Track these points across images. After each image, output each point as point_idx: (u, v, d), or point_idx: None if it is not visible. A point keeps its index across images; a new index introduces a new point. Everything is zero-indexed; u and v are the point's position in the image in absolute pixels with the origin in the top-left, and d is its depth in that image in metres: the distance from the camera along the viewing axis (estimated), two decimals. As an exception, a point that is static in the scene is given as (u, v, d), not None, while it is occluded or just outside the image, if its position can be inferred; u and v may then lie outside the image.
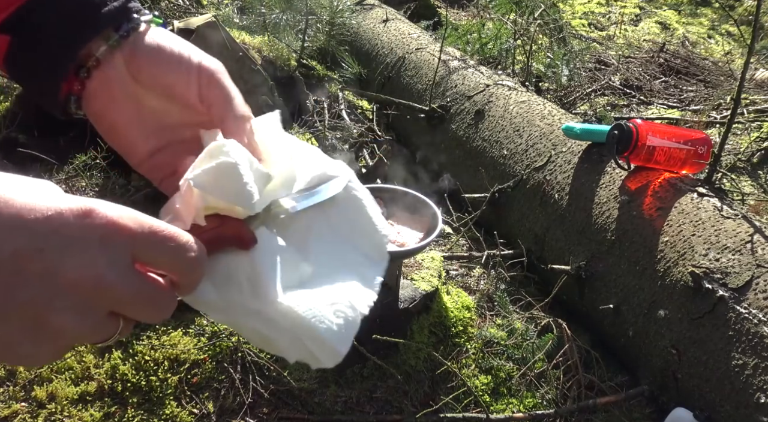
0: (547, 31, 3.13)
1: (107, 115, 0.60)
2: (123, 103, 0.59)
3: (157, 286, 0.44)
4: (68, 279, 0.39)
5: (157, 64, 0.59)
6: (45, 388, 1.38)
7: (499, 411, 1.45)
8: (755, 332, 1.22)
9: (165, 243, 0.43)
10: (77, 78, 0.58)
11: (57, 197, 0.39)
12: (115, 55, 0.58)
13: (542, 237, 1.81)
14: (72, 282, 0.39)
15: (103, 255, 0.40)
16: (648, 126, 1.59)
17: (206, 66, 0.60)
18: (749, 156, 2.69)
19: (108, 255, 0.40)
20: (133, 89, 0.59)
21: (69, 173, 2.06)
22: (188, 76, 0.59)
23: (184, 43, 0.61)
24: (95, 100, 0.60)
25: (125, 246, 0.41)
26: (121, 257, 0.41)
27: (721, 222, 1.42)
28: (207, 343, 1.49)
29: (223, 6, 3.46)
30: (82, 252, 0.39)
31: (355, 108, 2.86)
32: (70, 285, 0.39)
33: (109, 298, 0.41)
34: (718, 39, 4.92)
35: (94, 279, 0.39)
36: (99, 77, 0.59)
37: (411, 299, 1.50)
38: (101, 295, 0.40)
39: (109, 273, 0.40)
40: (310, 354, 0.50)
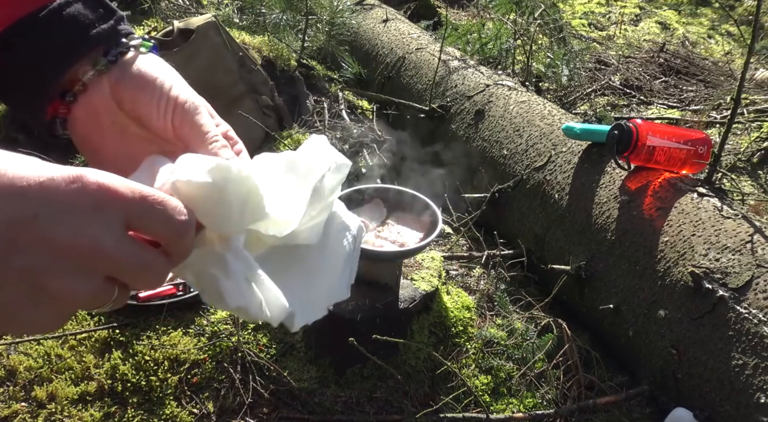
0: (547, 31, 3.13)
1: (91, 140, 0.60)
2: (107, 129, 0.59)
3: (150, 252, 0.44)
4: (63, 245, 0.39)
5: (136, 94, 0.58)
6: (45, 388, 1.38)
7: (499, 411, 1.45)
8: (755, 332, 1.22)
9: (155, 208, 0.43)
10: (63, 102, 0.59)
11: (48, 166, 0.40)
12: (102, 80, 0.58)
13: (542, 237, 1.81)
14: (67, 248, 0.39)
15: (97, 221, 0.40)
16: (648, 126, 1.59)
17: (181, 101, 0.58)
18: (749, 156, 2.69)
19: (101, 221, 0.40)
20: (118, 116, 0.59)
21: (69, 173, 2.06)
22: (164, 111, 0.58)
23: (168, 74, 0.59)
24: (80, 124, 0.59)
25: (118, 212, 0.41)
26: (115, 222, 0.41)
27: (721, 222, 1.42)
28: (207, 343, 1.49)
29: (223, 6, 3.46)
30: (76, 218, 0.39)
31: (355, 108, 2.86)
32: (66, 251, 0.39)
33: (104, 263, 0.41)
34: (718, 39, 4.92)
35: (89, 244, 0.40)
36: (85, 102, 0.59)
37: (411, 299, 1.50)
38: (97, 260, 0.41)
39: (104, 238, 0.40)
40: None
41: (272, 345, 1.51)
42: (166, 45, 2.32)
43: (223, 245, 0.51)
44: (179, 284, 1.64)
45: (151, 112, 0.58)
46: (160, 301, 1.57)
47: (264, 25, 3.06)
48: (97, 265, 0.41)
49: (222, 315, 1.58)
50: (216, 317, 1.57)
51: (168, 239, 0.46)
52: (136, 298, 1.56)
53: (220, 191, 0.48)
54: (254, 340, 1.51)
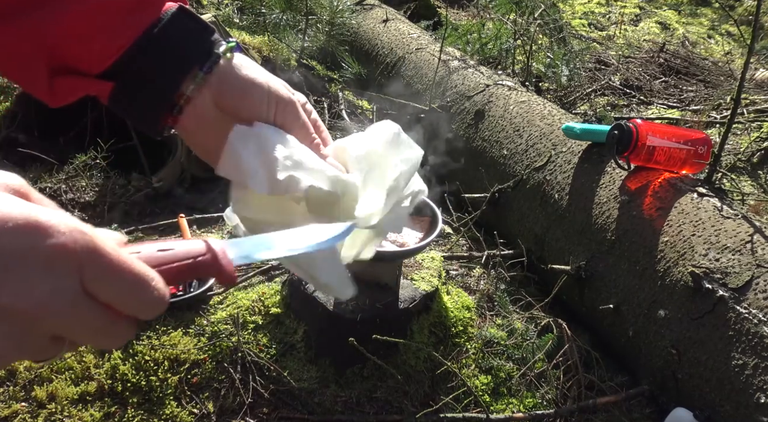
0: (547, 31, 3.12)
1: (199, 141, 0.67)
2: (213, 131, 0.65)
3: (110, 315, 0.40)
4: (3, 307, 0.35)
5: (237, 96, 0.64)
6: (45, 388, 1.38)
7: (499, 411, 1.45)
8: (755, 332, 1.22)
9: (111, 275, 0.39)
10: (171, 114, 0.64)
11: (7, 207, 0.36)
12: (203, 91, 0.63)
13: (542, 237, 1.81)
14: (7, 310, 0.35)
15: (46, 282, 0.36)
16: (648, 126, 1.59)
17: (282, 96, 0.65)
18: (749, 156, 2.69)
19: (52, 282, 0.36)
20: (220, 118, 0.64)
21: (69, 173, 2.06)
22: (266, 107, 0.64)
23: (261, 72, 0.66)
24: (188, 129, 0.66)
25: (72, 272, 0.37)
26: (69, 284, 0.37)
27: (721, 222, 1.42)
28: (207, 343, 1.49)
29: (223, 6, 3.46)
30: (22, 280, 0.36)
31: (355, 108, 2.86)
32: (6, 313, 0.35)
33: (50, 325, 0.38)
34: (718, 39, 4.92)
35: (34, 307, 0.36)
36: (190, 112, 0.64)
37: (411, 299, 1.50)
38: (41, 323, 0.37)
39: (53, 301, 0.37)
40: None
41: (272, 345, 1.51)
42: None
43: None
44: (179, 284, 1.64)
45: (259, 112, 0.64)
46: (160, 301, 1.57)
47: (264, 25, 3.06)
48: (41, 327, 0.38)
49: (222, 315, 1.58)
50: (216, 317, 1.57)
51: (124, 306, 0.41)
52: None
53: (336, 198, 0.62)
54: (254, 340, 1.51)
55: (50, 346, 0.39)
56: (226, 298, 1.65)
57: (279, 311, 1.57)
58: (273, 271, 1.77)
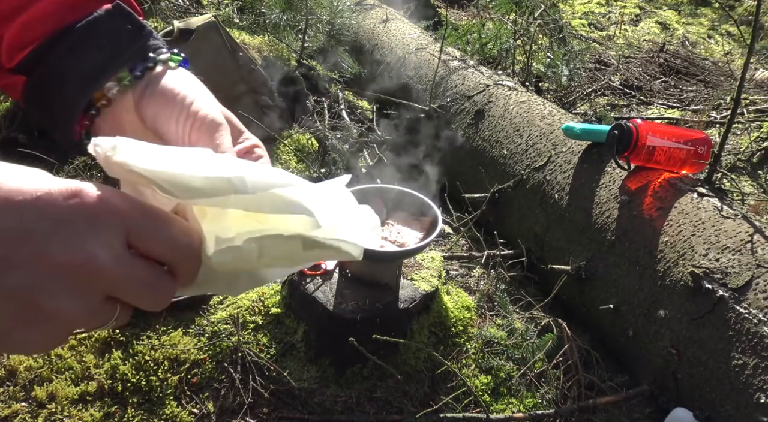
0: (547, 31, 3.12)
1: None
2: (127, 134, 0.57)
3: (154, 271, 0.42)
4: (58, 262, 0.37)
5: (157, 110, 0.57)
6: (45, 388, 1.38)
7: (499, 411, 1.45)
8: (755, 332, 1.22)
9: (158, 227, 0.41)
10: (86, 115, 0.58)
11: (46, 180, 0.38)
12: (126, 95, 0.57)
13: (542, 237, 1.81)
14: (63, 265, 0.37)
15: (94, 238, 0.38)
16: (648, 126, 1.59)
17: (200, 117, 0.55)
18: (749, 156, 2.69)
19: (99, 237, 0.38)
20: (139, 130, 0.58)
21: (69, 173, 2.06)
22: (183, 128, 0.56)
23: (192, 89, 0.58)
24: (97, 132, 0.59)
25: (117, 228, 0.39)
26: (114, 239, 0.39)
27: (721, 222, 1.42)
28: (207, 343, 1.49)
29: (223, 6, 3.46)
30: (72, 235, 0.38)
31: (355, 108, 2.86)
32: (62, 268, 0.37)
33: (102, 282, 0.39)
34: (718, 39, 4.92)
35: (85, 262, 0.38)
36: (108, 116, 0.58)
37: (411, 299, 1.50)
38: (93, 278, 0.39)
39: (101, 255, 0.38)
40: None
41: (272, 345, 1.51)
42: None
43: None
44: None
45: (170, 129, 0.56)
46: (160, 301, 1.57)
47: (264, 25, 3.07)
48: (95, 284, 0.39)
49: (222, 315, 1.58)
50: (216, 317, 1.57)
51: (170, 259, 0.43)
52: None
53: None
54: (254, 340, 1.51)
55: (105, 308, 0.41)
56: (226, 298, 1.65)
57: (279, 311, 1.57)
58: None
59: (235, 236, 0.47)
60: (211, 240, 0.46)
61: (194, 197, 0.44)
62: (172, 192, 0.43)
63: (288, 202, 0.46)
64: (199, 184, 0.43)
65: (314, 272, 1.53)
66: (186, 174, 0.43)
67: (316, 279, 1.52)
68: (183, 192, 0.43)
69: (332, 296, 1.46)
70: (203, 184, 0.43)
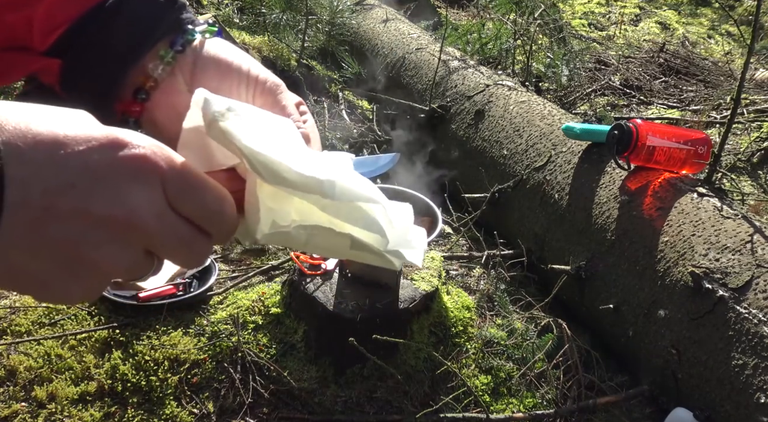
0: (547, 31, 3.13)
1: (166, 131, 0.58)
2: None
3: (192, 230, 0.42)
4: (100, 216, 0.37)
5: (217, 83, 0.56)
6: (45, 388, 1.38)
7: (499, 411, 1.45)
8: (755, 332, 1.22)
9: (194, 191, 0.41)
10: (135, 100, 0.57)
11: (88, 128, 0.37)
12: (174, 73, 0.57)
13: (542, 237, 1.81)
14: (105, 219, 0.37)
15: (135, 192, 0.38)
16: (648, 126, 1.59)
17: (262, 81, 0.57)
18: (749, 156, 2.69)
19: (139, 192, 0.38)
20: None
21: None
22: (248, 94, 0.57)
23: (242, 55, 0.58)
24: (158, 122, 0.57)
25: (158, 184, 0.39)
26: (157, 195, 0.39)
27: (721, 222, 1.42)
28: (207, 343, 1.49)
29: (223, 6, 3.46)
30: (113, 189, 0.37)
31: (355, 108, 2.86)
32: (104, 221, 0.37)
33: (142, 236, 0.39)
34: (718, 39, 4.92)
35: (126, 215, 0.38)
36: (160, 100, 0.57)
37: (411, 299, 1.50)
38: (135, 233, 0.39)
39: (141, 210, 0.38)
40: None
41: (272, 345, 1.51)
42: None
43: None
44: (179, 284, 1.64)
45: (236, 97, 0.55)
46: (160, 301, 1.57)
47: (264, 25, 3.07)
48: (136, 238, 0.39)
49: (222, 315, 1.58)
50: (216, 317, 1.57)
51: (204, 221, 0.43)
52: (137, 298, 1.56)
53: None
54: (254, 340, 1.51)
55: (144, 261, 0.41)
56: (226, 298, 1.65)
57: (279, 311, 1.57)
58: (273, 271, 1.78)
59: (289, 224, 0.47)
60: (267, 221, 0.46)
61: (279, 185, 0.44)
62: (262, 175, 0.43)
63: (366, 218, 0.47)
64: (291, 178, 0.43)
65: (314, 272, 1.53)
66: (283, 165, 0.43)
67: (316, 279, 1.52)
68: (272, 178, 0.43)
69: (332, 296, 1.46)
70: (296, 178, 0.43)
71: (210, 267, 1.72)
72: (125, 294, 1.59)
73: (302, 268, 1.54)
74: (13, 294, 1.65)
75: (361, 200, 0.46)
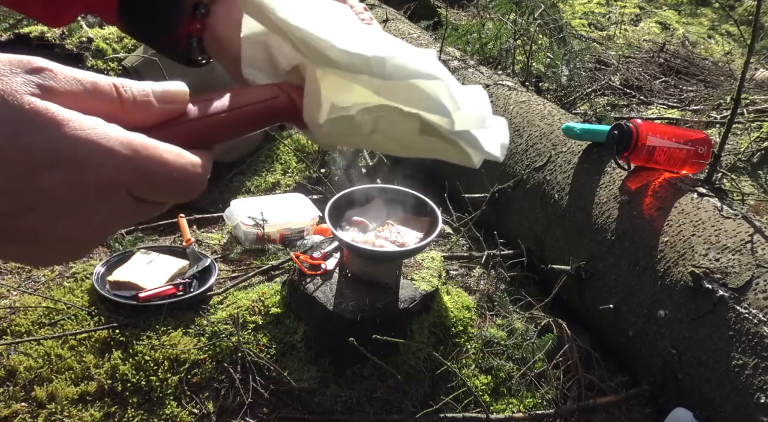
0: (547, 31, 3.12)
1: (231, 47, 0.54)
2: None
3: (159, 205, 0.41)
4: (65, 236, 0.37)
5: None
6: (45, 388, 1.38)
7: (499, 411, 1.45)
8: (755, 332, 1.22)
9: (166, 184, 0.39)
10: (195, 17, 0.55)
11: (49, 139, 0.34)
12: None
13: (542, 237, 1.81)
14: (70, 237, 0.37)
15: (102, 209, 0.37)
16: (648, 126, 1.59)
17: None
18: (749, 156, 2.69)
19: (107, 208, 0.37)
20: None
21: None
22: None
23: None
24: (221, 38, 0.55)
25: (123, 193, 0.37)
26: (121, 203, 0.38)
27: (721, 222, 1.42)
28: (207, 343, 1.49)
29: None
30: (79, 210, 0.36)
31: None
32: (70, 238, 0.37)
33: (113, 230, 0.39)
34: (718, 39, 4.92)
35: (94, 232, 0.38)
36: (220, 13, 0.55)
37: (411, 299, 1.50)
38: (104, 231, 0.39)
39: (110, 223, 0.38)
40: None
41: (272, 345, 1.51)
42: (166, 45, 2.31)
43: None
44: (179, 284, 1.64)
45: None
46: (160, 301, 1.57)
47: (264, 25, 3.06)
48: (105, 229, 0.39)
49: (222, 315, 1.58)
50: (216, 317, 1.57)
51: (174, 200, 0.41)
52: (137, 298, 1.56)
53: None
54: (254, 340, 1.51)
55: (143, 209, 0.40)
56: (226, 298, 1.65)
57: (279, 311, 1.57)
58: (273, 271, 1.78)
59: (352, 106, 0.43)
60: (327, 106, 0.43)
61: (325, 65, 0.40)
62: (305, 54, 0.40)
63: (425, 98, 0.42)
64: (335, 56, 0.40)
65: (314, 272, 1.53)
66: (326, 41, 0.39)
67: (316, 279, 1.52)
68: (316, 58, 0.40)
69: (332, 296, 1.46)
70: (340, 57, 0.40)
71: (210, 268, 1.72)
72: (125, 294, 1.59)
73: (302, 268, 1.54)
74: (13, 294, 1.65)
75: (418, 78, 0.41)
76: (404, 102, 0.42)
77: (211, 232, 2.02)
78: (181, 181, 0.39)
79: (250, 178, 2.42)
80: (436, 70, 0.42)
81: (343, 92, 0.43)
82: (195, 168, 0.40)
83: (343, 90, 0.43)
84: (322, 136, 0.45)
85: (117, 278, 1.64)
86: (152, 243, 1.86)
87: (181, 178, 0.39)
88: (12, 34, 2.46)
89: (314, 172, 2.32)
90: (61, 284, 1.68)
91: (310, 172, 2.33)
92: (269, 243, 1.87)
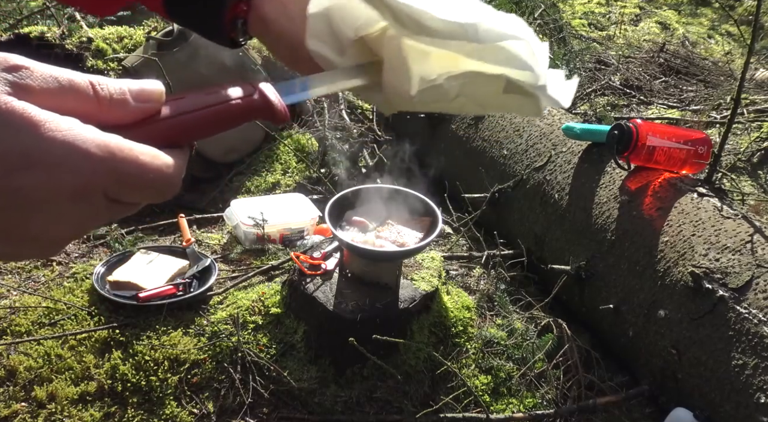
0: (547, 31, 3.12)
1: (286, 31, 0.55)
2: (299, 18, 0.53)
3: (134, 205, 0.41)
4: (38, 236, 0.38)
5: None
6: (45, 388, 1.38)
7: (499, 411, 1.45)
8: (755, 332, 1.22)
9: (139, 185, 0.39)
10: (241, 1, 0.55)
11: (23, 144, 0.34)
12: None
13: (542, 237, 1.81)
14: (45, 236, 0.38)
15: (76, 214, 0.37)
16: (648, 126, 1.59)
17: None
18: (749, 156, 2.69)
19: (81, 212, 0.37)
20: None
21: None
22: None
23: None
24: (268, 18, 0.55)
25: (99, 195, 0.38)
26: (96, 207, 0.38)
27: (721, 222, 1.42)
28: (207, 343, 1.49)
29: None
30: (53, 216, 0.37)
31: (355, 108, 2.86)
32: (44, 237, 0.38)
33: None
34: (718, 39, 4.92)
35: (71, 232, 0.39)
36: None
37: (411, 299, 1.50)
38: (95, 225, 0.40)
39: (85, 224, 0.39)
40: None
41: (272, 345, 1.51)
42: (166, 45, 2.32)
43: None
44: (179, 284, 1.64)
45: None
46: (160, 301, 1.57)
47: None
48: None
49: (222, 315, 1.58)
50: (216, 317, 1.57)
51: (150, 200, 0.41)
52: (137, 298, 1.56)
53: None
54: (254, 340, 1.51)
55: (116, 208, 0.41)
56: (226, 298, 1.65)
57: (279, 311, 1.57)
58: (273, 271, 1.78)
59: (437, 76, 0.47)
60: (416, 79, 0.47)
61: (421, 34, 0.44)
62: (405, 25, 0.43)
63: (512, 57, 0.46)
64: (434, 25, 0.43)
65: (314, 272, 1.53)
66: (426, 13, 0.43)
67: (316, 279, 1.52)
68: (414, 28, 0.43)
69: (332, 296, 1.46)
70: (439, 26, 0.43)
71: (210, 268, 1.72)
72: (125, 294, 1.59)
73: (302, 268, 1.54)
74: (13, 294, 1.65)
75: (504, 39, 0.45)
76: (493, 62, 0.47)
77: (211, 232, 2.02)
78: (156, 182, 0.39)
79: (250, 178, 2.42)
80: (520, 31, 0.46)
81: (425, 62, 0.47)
82: (170, 169, 0.40)
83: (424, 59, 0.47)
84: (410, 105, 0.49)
85: (117, 278, 1.64)
86: (152, 243, 1.86)
87: (156, 180, 0.39)
88: (12, 34, 2.46)
89: (314, 172, 2.32)
90: (61, 284, 1.68)
91: (310, 172, 2.33)
92: (269, 243, 1.87)
